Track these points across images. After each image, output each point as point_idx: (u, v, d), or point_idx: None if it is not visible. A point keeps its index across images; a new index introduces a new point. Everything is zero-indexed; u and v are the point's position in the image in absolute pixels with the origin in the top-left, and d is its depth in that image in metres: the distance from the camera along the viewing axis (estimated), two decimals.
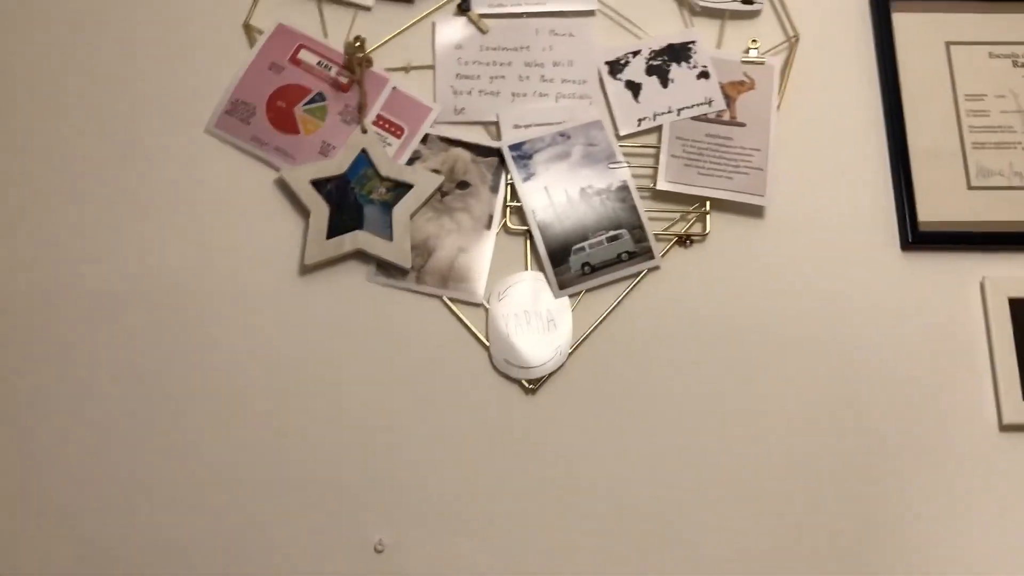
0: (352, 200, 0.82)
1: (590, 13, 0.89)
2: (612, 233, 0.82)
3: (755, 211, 0.85)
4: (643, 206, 0.83)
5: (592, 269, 0.82)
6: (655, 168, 0.85)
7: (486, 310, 0.81)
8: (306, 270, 0.81)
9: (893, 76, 0.88)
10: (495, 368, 0.80)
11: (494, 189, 0.84)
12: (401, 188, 0.82)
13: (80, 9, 0.88)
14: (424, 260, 0.82)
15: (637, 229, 0.82)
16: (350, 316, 0.81)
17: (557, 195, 0.83)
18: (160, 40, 0.87)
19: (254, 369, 0.79)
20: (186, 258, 0.82)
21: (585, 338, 0.81)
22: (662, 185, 0.84)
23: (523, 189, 0.83)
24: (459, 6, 0.89)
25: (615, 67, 0.87)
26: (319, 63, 0.86)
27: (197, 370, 0.79)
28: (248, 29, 0.87)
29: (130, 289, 0.81)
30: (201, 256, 0.82)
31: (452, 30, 0.88)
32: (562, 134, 0.85)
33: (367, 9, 0.89)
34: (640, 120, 0.86)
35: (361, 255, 0.82)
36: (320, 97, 0.85)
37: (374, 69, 0.86)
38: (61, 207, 0.82)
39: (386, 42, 0.88)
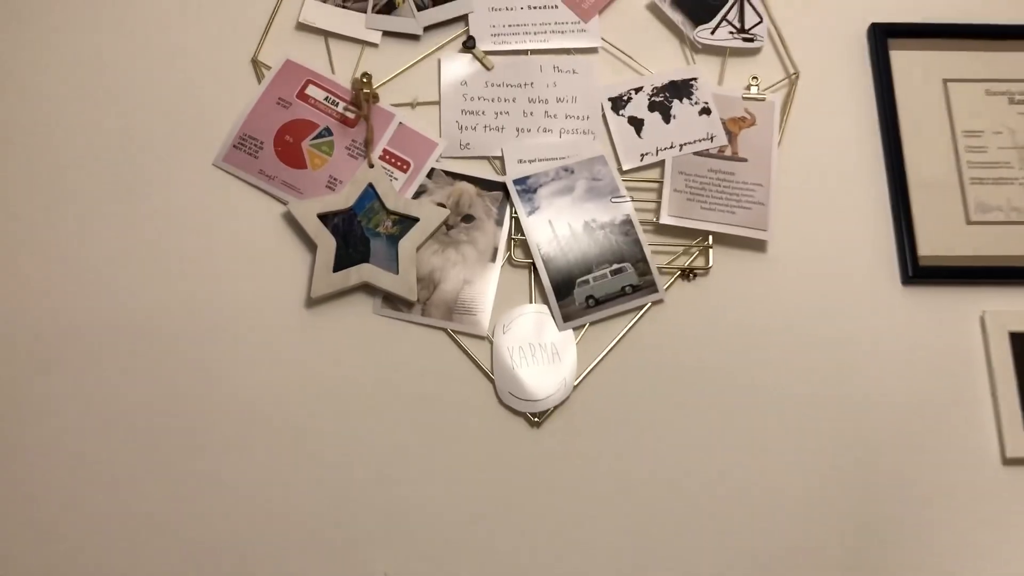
0: (359, 233, 0.82)
1: (593, 50, 0.91)
2: (616, 266, 0.83)
3: (757, 245, 0.86)
4: (646, 240, 0.84)
5: (596, 302, 0.82)
6: (658, 202, 0.86)
7: (491, 343, 0.82)
8: (312, 303, 0.82)
9: (892, 112, 0.90)
10: (500, 401, 0.80)
11: (499, 222, 0.85)
12: (407, 221, 0.83)
13: (89, 42, 0.89)
14: (429, 292, 0.83)
15: (640, 263, 0.83)
16: (356, 348, 0.81)
17: (561, 228, 0.84)
18: (169, 74, 0.88)
19: (259, 401, 0.80)
20: (192, 291, 0.82)
21: (590, 371, 0.82)
22: (665, 219, 0.85)
23: (527, 223, 0.84)
24: (464, 43, 0.90)
25: (618, 103, 0.89)
26: (326, 98, 0.87)
27: (202, 402, 0.79)
28: (256, 64, 0.89)
29: (136, 321, 0.81)
30: (207, 289, 0.82)
31: (457, 66, 0.90)
32: (566, 169, 0.86)
33: (374, 46, 0.90)
34: (643, 155, 0.87)
35: (367, 288, 0.82)
36: (327, 132, 0.86)
37: (380, 104, 0.87)
38: (65, 240, 0.83)
39: (393, 78, 0.89)
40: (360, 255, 0.82)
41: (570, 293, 0.82)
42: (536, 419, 0.80)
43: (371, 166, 0.85)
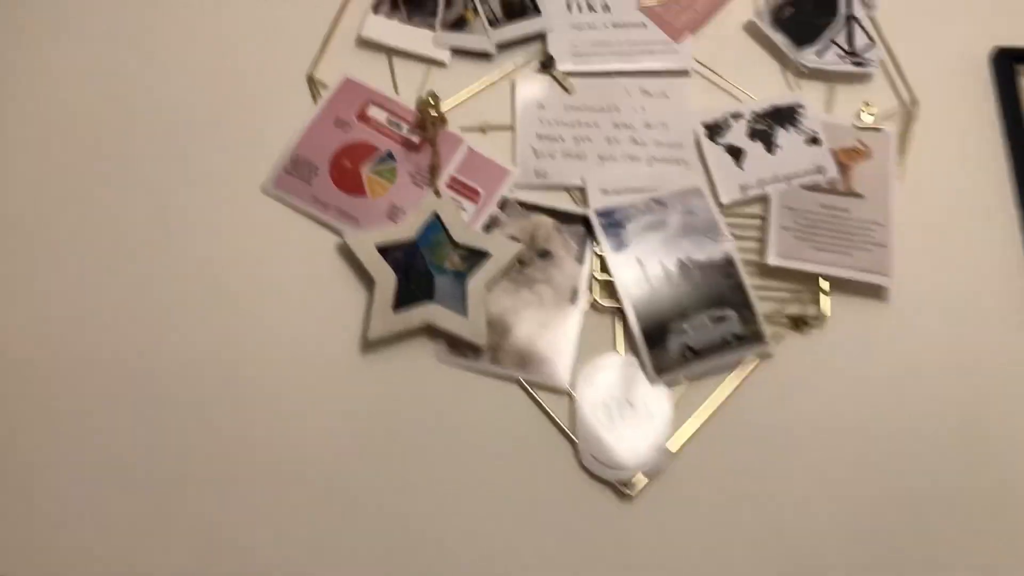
0: (422, 269, 0.73)
1: (685, 73, 0.82)
2: (717, 313, 0.72)
3: (878, 292, 0.75)
4: (750, 283, 0.73)
5: (694, 353, 0.71)
6: (762, 241, 0.75)
7: (571, 398, 0.71)
8: (369, 346, 0.71)
9: (1022, 145, 0.79)
10: (583, 467, 0.69)
11: (579, 260, 0.75)
12: (476, 256, 0.73)
13: (130, 57, 0.81)
14: (501, 338, 0.72)
15: (745, 309, 0.72)
16: (417, 400, 0.70)
17: (652, 268, 0.73)
18: (215, 91, 0.80)
19: (306, 455, 0.69)
20: (234, 330, 0.72)
21: (690, 434, 0.70)
22: (772, 260, 0.74)
23: (613, 260, 0.74)
24: (542, 63, 0.81)
25: (714, 130, 0.79)
26: (389, 120, 0.78)
27: (241, 455, 0.69)
28: (312, 82, 0.80)
29: (171, 361, 0.71)
30: (251, 328, 0.72)
31: (534, 88, 0.81)
32: (657, 201, 0.76)
33: (442, 65, 0.82)
34: (744, 188, 0.77)
35: (431, 331, 0.72)
36: (389, 157, 0.77)
37: (448, 128, 0.78)
38: (95, 269, 0.74)
39: (462, 100, 0.80)
40: (423, 293, 0.72)
41: (664, 342, 0.71)
42: (626, 489, 0.68)
43: (437, 195, 0.75)
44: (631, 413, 0.70)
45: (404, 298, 0.71)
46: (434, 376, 0.71)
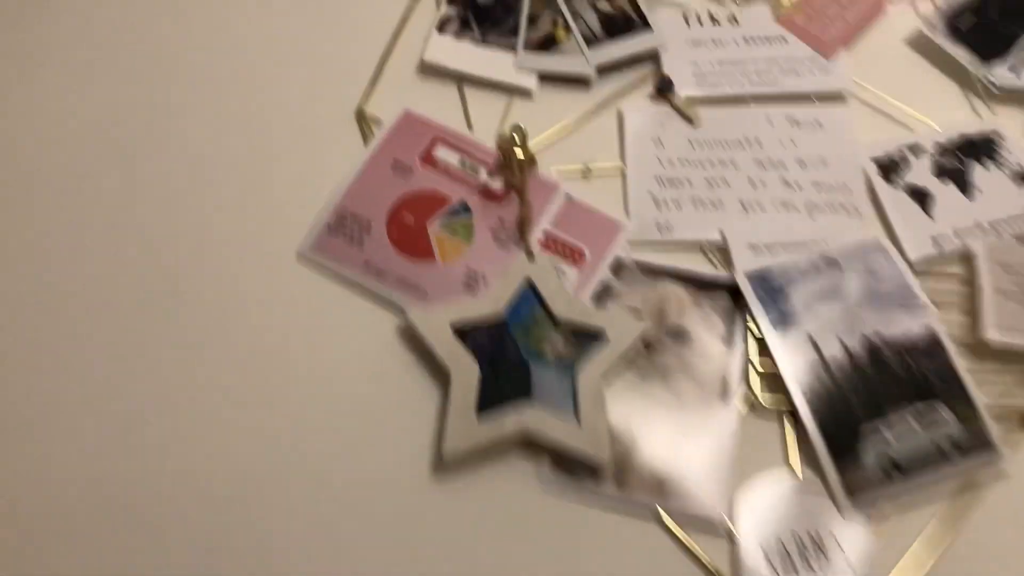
0: (514, 357, 0.53)
1: (841, 97, 0.64)
2: (926, 411, 0.52)
3: None
4: (963, 366, 0.53)
5: (899, 470, 0.51)
6: (971, 311, 0.56)
7: (731, 537, 0.50)
8: (445, 466, 0.51)
9: None
10: None
11: (727, 341, 0.55)
12: (586, 339, 0.54)
13: (141, 96, 0.65)
14: (627, 452, 0.52)
15: (962, 404, 0.52)
16: (512, 540, 0.50)
17: (830, 349, 0.54)
18: (240, 130, 0.63)
19: None
20: (269, 443, 0.53)
21: None
22: (992, 335, 0.54)
23: (776, 341, 0.54)
24: (657, 89, 0.64)
25: (889, 168, 0.61)
26: (462, 163, 0.61)
27: None
28: (362, 118, 0.63)
29: (189, 485, 0.51)
30: (290, 441, 0.53)
31: (647, 120, 0.63)
32: (827, 259, 0.57)
33: (527, 94, 0.64)
34: (938, 240, 0.58)
35: (529, 443, 0.52)
36: (464, 209, 0.59)
37: (539, 172, 0.60)
38: (103, 368, 0.55)
39: (556, 137, 0.63)
40: (518, 390, 0.52)
41: (856, 454, 0.51)
42: None
43: (530, 257, 0.57)
44: (817, 556, 0.50)
45: (491, 398, 0.52)
46: (535, 507, 0.51)
